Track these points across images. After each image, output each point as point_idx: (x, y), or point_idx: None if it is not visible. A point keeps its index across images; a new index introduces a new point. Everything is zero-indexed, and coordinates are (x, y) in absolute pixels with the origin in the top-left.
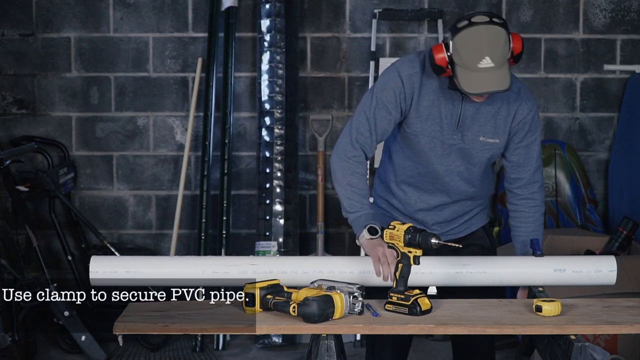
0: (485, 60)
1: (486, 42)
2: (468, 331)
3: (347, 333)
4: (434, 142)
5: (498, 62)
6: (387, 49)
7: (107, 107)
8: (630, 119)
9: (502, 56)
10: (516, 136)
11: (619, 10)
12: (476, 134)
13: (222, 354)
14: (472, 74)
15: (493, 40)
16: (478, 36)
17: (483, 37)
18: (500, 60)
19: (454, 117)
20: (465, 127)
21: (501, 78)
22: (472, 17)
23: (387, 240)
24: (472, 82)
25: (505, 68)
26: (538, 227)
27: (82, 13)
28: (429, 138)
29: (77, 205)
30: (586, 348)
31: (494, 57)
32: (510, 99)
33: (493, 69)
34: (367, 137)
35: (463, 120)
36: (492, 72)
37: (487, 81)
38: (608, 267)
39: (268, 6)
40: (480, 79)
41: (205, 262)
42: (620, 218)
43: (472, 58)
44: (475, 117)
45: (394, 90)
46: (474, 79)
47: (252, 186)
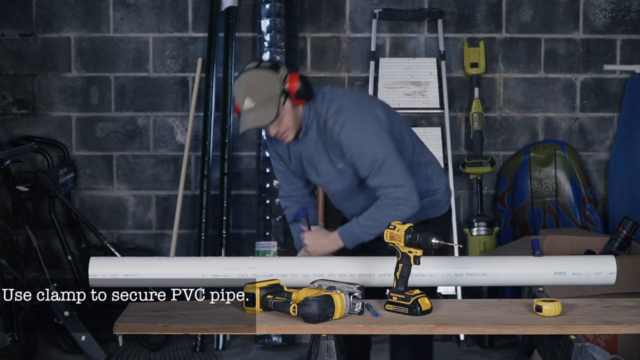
0: (247, 101)
1: (246, 85)
2: (468, 331)
3: (347, 333)
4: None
5: (258, 101)
6: (387, 49)
7: (107, 107)
8: (630, 119)
9: (262, 95)
10: (344, 156)
11: (619, 10)
12: (327, 164)
13: (222, 354)
14: (241, 116)
15: (253, 82)
16: (241, 82)
17: (244, 81)
18: (261, 99)
19: (297, 158)
20: (315, 162)
21: (260, 115)
22: (245, 66)
23: (388, 240)
24: (241, 123)
25: (269, 106)
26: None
27: (82, 13)
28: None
29: (77, 205)
30: (586, 348)
31: (254, 97)
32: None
33: (255, 108)
34: (286, 185)
35: (311, 157)
36: (253, 111)
37: (248, 120)
38: (608, 269)
39: (268, 6)
40: (244, 119)
41: (205, 264)
42: (620, 218)
43: (239, 102)
44: (316, 150)
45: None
46: (241, 119)
47: (252, 186)
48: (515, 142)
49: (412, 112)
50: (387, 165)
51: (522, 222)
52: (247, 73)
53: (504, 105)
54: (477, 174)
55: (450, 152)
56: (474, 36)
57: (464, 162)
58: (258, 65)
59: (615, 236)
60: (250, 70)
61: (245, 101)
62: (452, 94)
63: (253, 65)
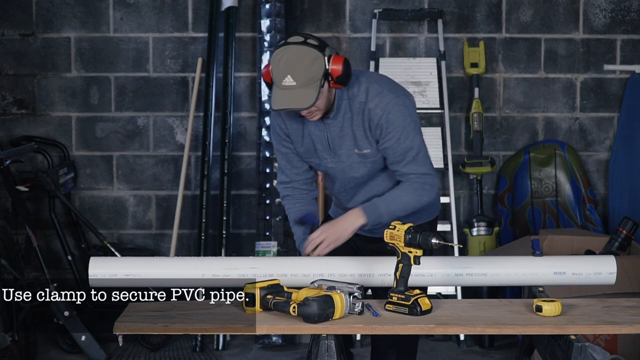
0: (287, 79)
1: (290, 61)
2: (468, 331)
3: (347, 333)
4: (322, 166)
5: (300, 81)
6: (387, 49)
7: (107, 107)
8: (630, 119)
9: (305, 76)
10: (379, 139)
11: (619, 10)
12: (349, 149)
13: (222, 354)
14: (277, 91)
15: (298, 60)
16: (284, 55)
17: (288, 56)
18: (303, 79)
19: (323, 140)
20: (336, 146)
21: (300, 97)
22: (289, 37)
23: (387, 240)
24: (274, 99)
25: (310, 88)
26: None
27: (82, 13)
28: (318, 163)
29: (77, 205)
30: (586, 348)
31: (296, 76)
32: (354, 109)
33: (295, 88)
34: (289, 169)
35: (332, 140)
36: (292, 91)
37: (285, 99)
38: (608, 269)
39: (268, 6)
40: (280, 97)
41: (205, 264)
42: (620, 218)
43: (277, 76)
44: (340, 134)
45: (275, 128)
46: (277, 96)
47: (252, 186)
48: (515, 142)
49: None
50: (422, 154)
51: (522, 222)
52: (293, 47)
53: (504, 105)
54: (477, 174)
55: (450, 152)
56: (474, 36)
57: (464, 162)
58: (305, 41)
59: (615, 236)
60: (297, 44)
61: (286, 78)
62: (452, 94)
63: (300, 39)
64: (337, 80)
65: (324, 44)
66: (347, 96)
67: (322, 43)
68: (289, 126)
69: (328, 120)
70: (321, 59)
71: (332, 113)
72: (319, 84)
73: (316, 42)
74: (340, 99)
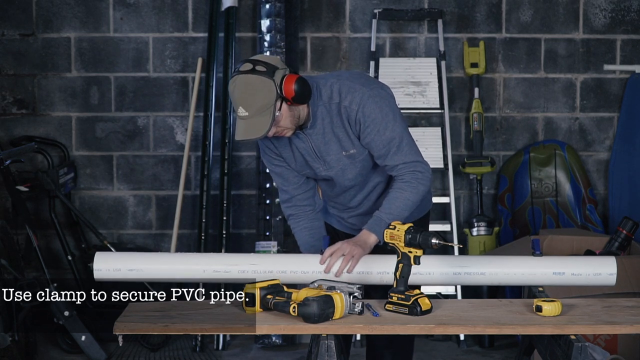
0: (240, 109)
1: (240, 92)
2: (468, 331)
3: (347, 333)
4: (319, 176)
5: (252, 110)
6: (387, 49)
7: (107, 107)
8: (630, 119)
9: (256, 104)
10: (361, 136)
11: (619, 10)
12: (336, 153)
13: (222, 354)
14: (237, 121)
15: (246, 90)
16: (235, 87)
17: (238, 87)
18: (254, 108)
19: (310, 151)
20: (324, 154)
21: (254, 126)
22: (241, 64)
23: (388, 240)
24: (236, 130)
25: (263, 115)
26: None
27: (82, 13)
28: (313, 174)
29: (77, 205)
30: (586, 348)
31: (247, 107)
32: (332, 112)
33: (248, 117)
34: (287, 185)
35: (318, 149)
36: (247, 121)
37: (242, 129)
38: (608, 270)
39: (268, 6)
40: (239, 127)
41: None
42: (620, 218)
43: (235, 106)
44: (324, 140)
45: (265, 150)
46: (237, 126)
47: (252, 186)
48: (515, 142)
49: (412, 112)
50: (406, 142)
51: (522, 222)
52: (242, 77)
53: (504, 105)
54: (477, 174)
55: (450, 152)
56: (474, 36)
57: (464, 162)
58: (253, 69)
59: (615, 236)
60: (245, 74)
61: (239, 109)
62: (452, 94)
63: (248, 67)
64: (294, 100)
65: (273, 67)
66: (321, 102)
67: (271, 67)
68: (277, 145)
69: (308, 131)
70: (270, 85)
71: (309, 122)
72: (273, 109)
73: (264, 67)
74: (316, 106)
